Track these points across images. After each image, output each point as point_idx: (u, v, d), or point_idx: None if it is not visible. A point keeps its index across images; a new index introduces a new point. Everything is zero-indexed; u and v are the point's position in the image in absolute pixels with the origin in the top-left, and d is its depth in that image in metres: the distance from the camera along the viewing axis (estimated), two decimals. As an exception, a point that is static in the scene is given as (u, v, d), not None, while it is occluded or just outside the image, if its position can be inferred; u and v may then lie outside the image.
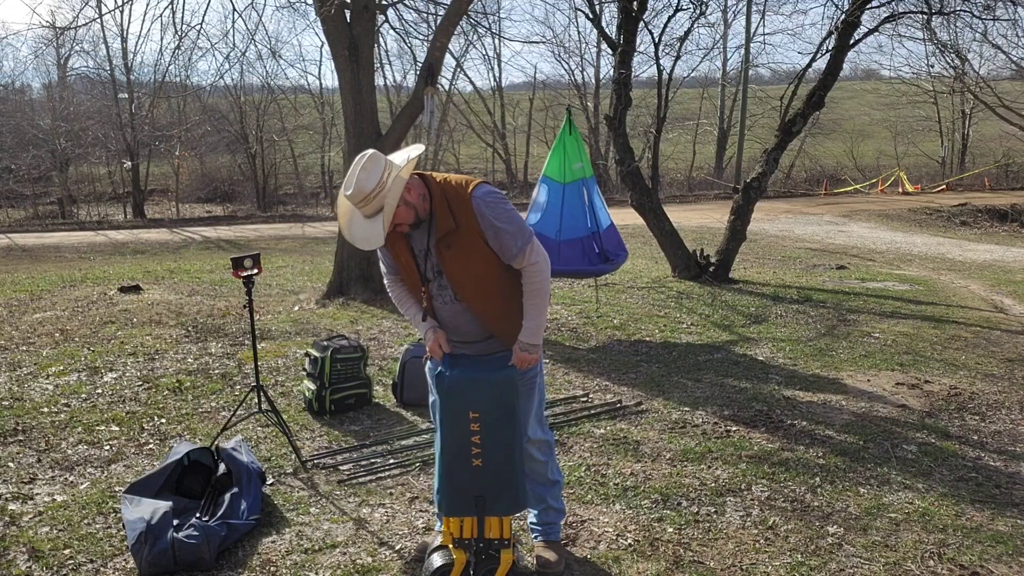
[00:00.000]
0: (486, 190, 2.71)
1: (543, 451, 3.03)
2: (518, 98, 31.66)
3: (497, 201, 2.69)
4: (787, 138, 9.16)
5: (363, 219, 2.61)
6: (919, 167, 29.88)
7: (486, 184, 2.75)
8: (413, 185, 2.64)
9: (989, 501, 3.61)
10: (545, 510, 3.13)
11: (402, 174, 2.58)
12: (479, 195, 2.67)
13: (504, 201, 2.72)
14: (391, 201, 2.55)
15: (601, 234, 6.87)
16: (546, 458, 3.05)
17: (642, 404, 4.94)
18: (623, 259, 7.10)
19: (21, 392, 5.13)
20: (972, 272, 10.98)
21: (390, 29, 26.17)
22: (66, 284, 9.28)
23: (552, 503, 3.13)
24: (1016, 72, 23.29)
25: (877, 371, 5.73)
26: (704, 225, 16.44)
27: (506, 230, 2.66)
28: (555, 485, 3.12)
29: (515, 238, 2.67)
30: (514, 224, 2.68)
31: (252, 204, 25.61)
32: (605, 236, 6.92)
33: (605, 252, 6.80)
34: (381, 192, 2.54)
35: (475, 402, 2.67)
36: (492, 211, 2.66)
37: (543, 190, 6.91)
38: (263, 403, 4.22)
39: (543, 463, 3.05)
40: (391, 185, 2.55)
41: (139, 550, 3.00)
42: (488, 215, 2.66)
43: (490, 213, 2.66)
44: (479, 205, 2.66)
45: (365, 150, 2.70)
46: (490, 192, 2.71)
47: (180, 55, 21.86)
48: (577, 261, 6.71)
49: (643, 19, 9.07)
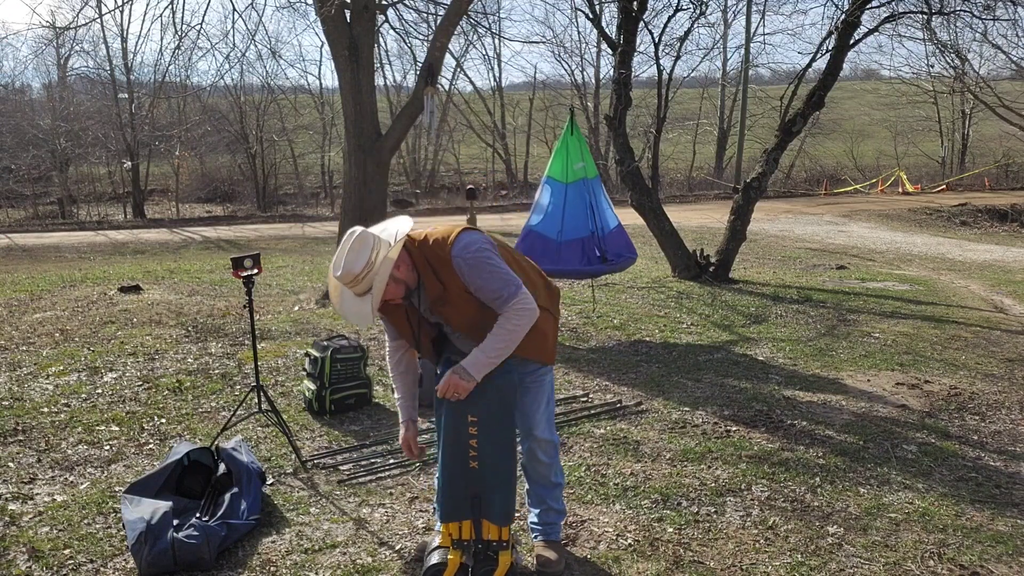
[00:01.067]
0: (463, 246, 2.64)
1: (548, 453, 3.03)
2: (518, 98, 31.66)
3: (475, 260, 2.62)
4: (787, 138, 9.16)
5: (354, 296, 2.63)
6: (919, 167, 29.88)
7: (466, 234, 2.68)
8: (401, 260, 2.63)
9: (989, 501, 3.61)
10: (546, 511, 3.12)
11: (390, 255, 2.58)
12: (457, 253, 2.63)
13: (483, 257, 2.63)
14: (379, 283, 2.57)
15: (605, 235, 6.85)
16: (550, 460, 3.04)
17: (642, 404, 4.94)
18: (628, 260, 7.07)
19: (21, 392, 5.13)
20: (972, 272, 10.98)
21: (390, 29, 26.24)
22: (66, 284, 9.28)
23: (553, 504, 3.13)
24: (1016, 72, 23.30)
25: (877, 371, 5.74)
26: (704, 225, 16.44)
27: (486, 288, 2.64)
28: (556, 487, 3.12)
29: (496, 296, 2.64)
30: (495, 282, 2.63)
31: (252, 204, 25.62)
32: (610, 237, 6.90)
33: (605, 253, 6.79)
34: (369, 273, 2.56)
35: (473, 405, 2.68)
36: (471, 272, 2.63)
37: (546, 191, 6.91)
38: (263, 403, 4.22)
39: (547, 465, 3.04)
40: (379, 266, 2.57)
41: (139, 550, 3.00)
42: (467, 275, 2.63)
43: (469, 273, 2.63)
44: (459, 265, 2.63)
45: (352, 228, 2.67)
46: (467, 247, 2.64)
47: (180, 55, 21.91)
48: (575, 262, 6.71)
49: (643, 19, 9.07)
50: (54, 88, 27.57)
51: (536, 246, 6.69)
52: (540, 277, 2.98)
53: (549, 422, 3.01)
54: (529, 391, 2.94)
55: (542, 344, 2.87)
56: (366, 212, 8.17)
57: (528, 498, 3.18)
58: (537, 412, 2.95)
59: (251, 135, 25.77)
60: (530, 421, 2.95)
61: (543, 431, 2.98)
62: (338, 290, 2.68)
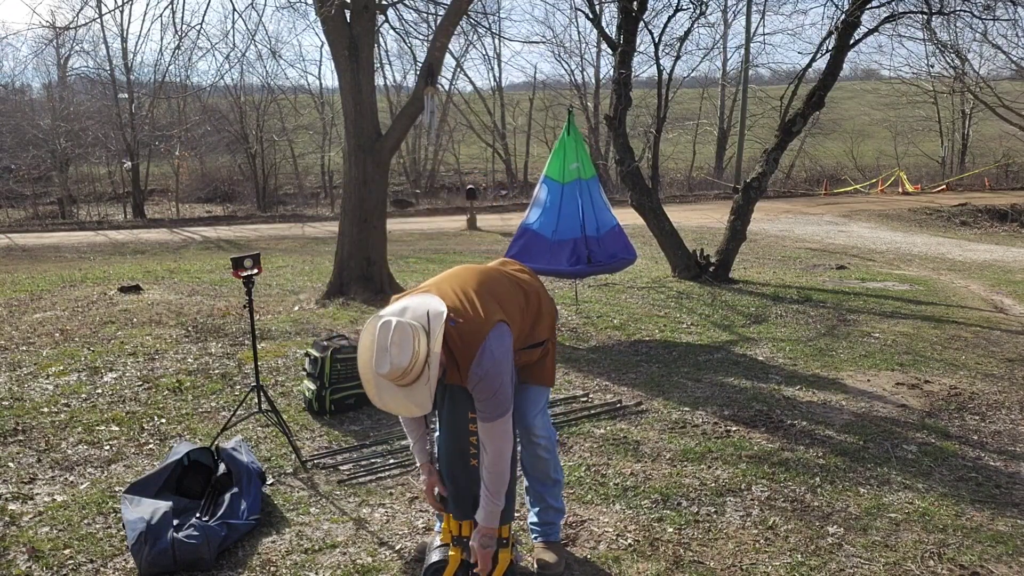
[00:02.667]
0: (491, 352, 2.57)
1: (548, 448, 3.04)
2: (518, 98, 31.67)
3: (490, 376, 2.57)
4: (787, 138, 9.16)
5: (395, 387, 2.54)
6: (919, 167, 29.88)
7: (491, 338, 2.58)
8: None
9: (989, 501, 3.61)
10: (545, 509, 3.13)
11: (434, 348, 2.49)
12: (485, 352, 2.57)
13: (497, 373, 2.57)
14: (435, 374, 2.50)
15: (601, 236, 6.84)
16: (549, 455, 3.05)
17: (642, 404, 4.94)
18: (625, 261, 7.05)
19: (21, 392, 5.13)
20: (972, 272, 10.98)
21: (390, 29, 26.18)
22: (66, 284, 9.28)
23: (552, 502, 3.13)
24: (1016, 72, 23.30)
25: (877, 371, 5.73)
26: (704, 225, 16.44)
27: (479, 393, 2.60)
28: (556, 484, 3.13)
29: (483, 407, 2.61)
30: (491, 398, 2.59)
31: (252, 204, 25.63)
32: (607, 237, 6.89)
33: (591, 255, 6.78)
34: (416, 364, 2.48)
35: (473, 404, 2.68)
36: (482, 381, 2.58)
37: (544, 190, 6.93)
38: (263, 403, 4.22)
39: (546, 460, 3.05)
40: (430, 359, 2.49)
41: (139, 550, 3.00)
42: (477, 380, 2.58)
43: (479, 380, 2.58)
44: (480, 370, 2.57)
45: (381, 318, 2.54)
46: (491, 351, 2.57)
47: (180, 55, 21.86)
48: (563, 262, 6.71)
49: (643, 19, 9.07)
50: (54, 88, 27.59)
51: (531, 245, 6.70)
52: (549, 301, 3.00)
53: (545, 417, 3.04)
54: (529, 391, 2.96)
55: (541, 371, 2.97)
56: (366, 212, 8.17)
57: (528, 496, 3.19)
58: (534, 409, 2.97)
59: (251, 135, 25.78)
60: (528, 418, 2.97)
61: (541, 427, 3.00)
62: (374, 380, 2.55)
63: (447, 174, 31.45)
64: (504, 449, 2.65)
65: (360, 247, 8.19)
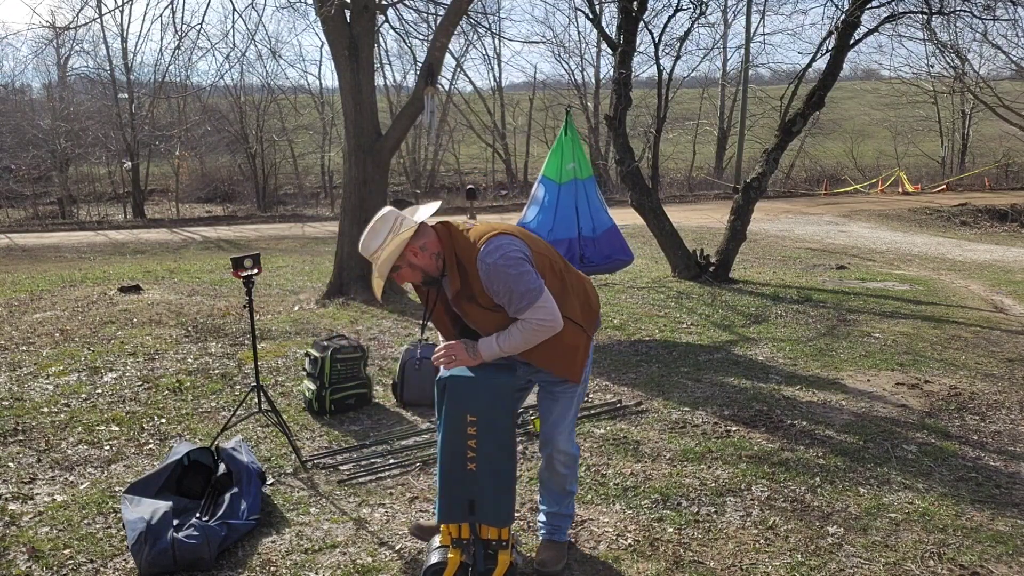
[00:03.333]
0: (489, 250, 2.63)
1: (568, 464, 3.00)
2: (518, 98, 31.67)
3: (496, 267, 2.61)
4: (787, 138, 9.16)
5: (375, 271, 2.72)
6: (919, 167, 29.89)
7: (497, 238, 2.66)
8: (429, 244, 2.69)
9: (989, 501, 3.61)
10: (555, 514, 3.11)
11: (403, 235, 2.63)
12: (482, 257, 2.63)
13: (506, 264, 2.61)
14: (382, 266, 2.66)
15: (596, 236, 6.83)
16: (567, 471, 3.02)
17: (642, 404, 4.94)
18: (620, 262, 7.02)
19: (21, 392, 5.13)
20: (972, 272, 10.98)
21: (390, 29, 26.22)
22: (66, 284, 9.28)
23: (563, 510, 3.12)
24: (1016, 72, 23.28)
25: (877, 371, 5.73)
26: (704, 225, 16.44)
27: (504, 293, 2.64)
28: (569, 495, 3.11)
29: (512, 303, 2.64)
30: (516, 291, 2.62)
31: (252, 204, 25.63)
32: (603, 238, 6.88)
33: (583, 255, 6.77)
34: (380, 253, 2.66)
35: (472, 405, 2.68)
36: (492, 281, 2.63)
37: (541, 190, 6.92)
38: (263, 403, 4.22)
39: (563, 476, 3.02)
40: (390, 247, 2.64)
41: (139, 550, 3.00)
42: (488, 284, 2.64)
43: (487, 280, 2.64)
44: (483, 271, 2.64)
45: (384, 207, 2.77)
46: (491, 253, 2.63)
47: (180, 55, 21.90)
48: None
49: (643, 19, 9.07)
50: (54, 88, 27.58)
51: None
52: (582, 289, 2.92)
53: (571, 433, 2.98)
54: (558, 401, 2.92)
55: (570, 361, 2.84)
56: (366, 212, 8.16)
57: (540, 497, 3.17)
58: (562, 423, 2.92)
59: (251, 135, 25.78)
60: (553, 431, 2.93)
61: (564, 442, 2.95)
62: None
63: (447, 174, 31.44)
64: (543, 327, 2.63)
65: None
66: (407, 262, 2.68)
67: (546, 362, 2.83)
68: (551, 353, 2.79)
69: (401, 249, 2.64)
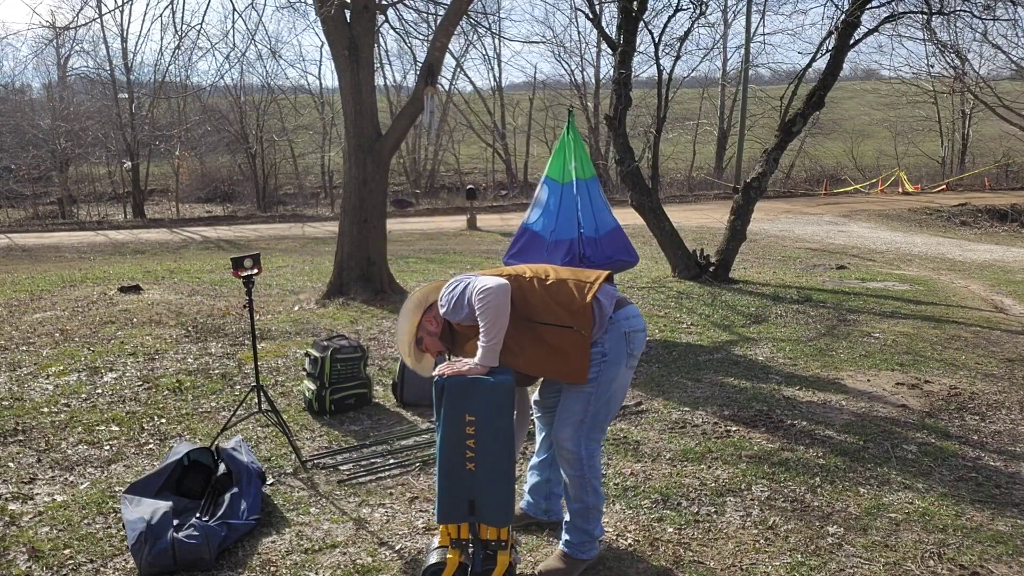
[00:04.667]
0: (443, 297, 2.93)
1: (571, 463, 2.89)
2: (518, 98, 31.68)
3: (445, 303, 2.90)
4: (787, 138, 9.16)
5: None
6: (919, 167, 29.89)
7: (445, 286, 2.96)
8: (433, 319, 3.02)
9: (989, 501, 3.61)
10: (572, 527, 2.98)
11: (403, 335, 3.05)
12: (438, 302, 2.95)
13: (451, 297, 2.87)
14: (401, 346, 3.08)
15: (600, 237, 6.82)
16: (573, 472, 2.90)
17: (642, 404, 4.94)
18: (624, 263, 7.01)
19: (21, 392, 5.13)
20: (972, 272, 10.98)
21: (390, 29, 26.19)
22: (66, 284, 9.28)
23: (578, 522, 2.96)
24: (1016, 72, 23.26)
25: (877, 371, 5.73)
26: (704, 225, 16.44)
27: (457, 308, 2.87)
28: (588, 509, 2.94)
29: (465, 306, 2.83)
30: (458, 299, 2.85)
31: (252, 204, 25.64)
32: (606, 239, 6.86)
33: (583, 255, 6.76)
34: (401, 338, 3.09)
35: (471, 405, 2.68)
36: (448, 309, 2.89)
37: (544, 190, 6.92)
38: (263, 403, 4.22)
39: (571, 477, 2.92)
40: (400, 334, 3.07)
41: (139, 550, 3.00)
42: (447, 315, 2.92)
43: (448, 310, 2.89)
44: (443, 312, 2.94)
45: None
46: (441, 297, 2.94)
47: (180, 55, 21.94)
48: (558, 262, 6.69)
49: (643, 19, 9.06)
50: (54, 88, 27.59)
51: (529, 244, 6.69)
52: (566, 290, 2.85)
53: (578, 434, 2.87)
54: (567, 397, 2.91)
55: (564, 364, 2.82)
56: (366, 212, 8.18)
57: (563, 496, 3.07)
58: (569, 418, 2.88)
59: (251, 135, 25.79)
60: (558, 425, 2.91)
61: (567, 439, 2.87)
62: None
63: (447, 174, 31.45)
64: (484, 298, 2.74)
65: (360, 247, 8.19)
66: (427, 331, 3.02)
67: (543, 370, 2.92)
68: (541, 360, 2.85)
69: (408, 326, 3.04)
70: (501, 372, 2.74)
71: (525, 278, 2.89)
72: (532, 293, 2.84)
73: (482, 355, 2.73)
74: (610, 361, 2.85)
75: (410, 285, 8.97)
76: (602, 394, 2.87)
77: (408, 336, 3.03)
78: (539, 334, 2.80)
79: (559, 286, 2.87)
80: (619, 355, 2.86)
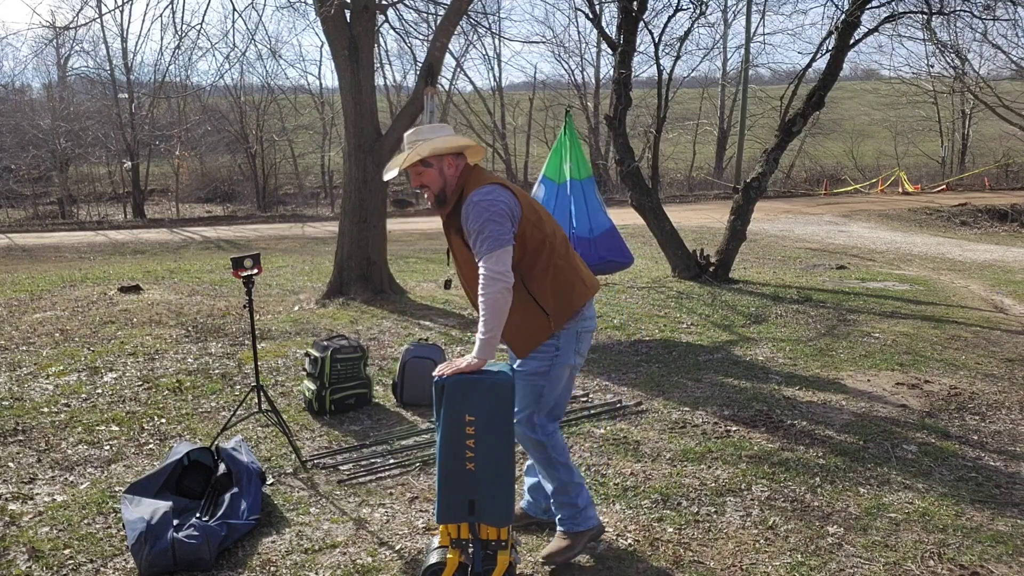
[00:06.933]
0: (481, 192, 2.81)
1: (533, 447, 3.04)
2: (518, 98, 31.66)
3: (478, 207, 2.76)
4: (787, 138, 9.16)
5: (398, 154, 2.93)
6: (919, 167, 29.89)
7: (494, 187, 2.83)
8: (454, 164, 2.90)
9: (989, 501, 3.61)
10: (558, 505, 3.09)
11: (435, 144, 2.85)
12: (472, 195, 2.81)
13: (486, 207, 2.76)
14: (401, 156, 2.88)
15: (593, 239, 6.80)
16: (537, 454, 3.04)
17: (642, 404, 4.94)
18: (619, 264, 6.98)
19: (21, 392, 5.13)
20: (972, 272, 10.98)
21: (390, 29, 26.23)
22: (66, 284, 9.28)
23: (561, 499, 3.07)
24: (1016, 72, 23.25)
25: (877, 371, 5.73)
26: (704, 225, 16.44)
27: (470, 231, 2.78)
28: (568, 485, 3.06)
29: (475, 242, 2.77)
30: (483, 230, 2.74)
31: (252, 204, 25.62)
32: (598, 240, 6.84)
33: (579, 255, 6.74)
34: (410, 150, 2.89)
35: (471, 406, 2.68)
36: (468, 217, 2.78)
37: (542, 189, 6.93)
38: (263, 403, 4.22)
39: (537, 460, 3.06)
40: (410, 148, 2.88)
41: (139, 550, 3.00)
42: (466, 218, 2.79)
43: (466, 217, 2.79)
44: (465, 208, 2.80)
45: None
46: (481, 194, 2.80)
47: (180, 55, 21.91)
48: None
49: (643, 19, 9.07)
50: (54, 88, 27.56)
51: None
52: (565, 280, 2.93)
53: (532, 424, 3.00)
54: (519, 381, 2.98)
55: (518, 334, 2.92)
56: (366, 212, 8.18)
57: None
58: (521, 402, 2.97)
59: (251, 135, 25.77)
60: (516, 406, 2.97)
61: (523, 423, 2.99)
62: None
63: (447, 174, 31.37)
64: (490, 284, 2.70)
65: (360, 247, 8.19)
66: (424, 162, 2.86)
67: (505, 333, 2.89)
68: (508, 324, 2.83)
69: (439, 153, 2.85)
70: (501, 372, 2.74)
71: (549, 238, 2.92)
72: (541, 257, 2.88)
73: (479, 348, 2.73)
74: (561, 356, 2.98)
75: (410, 285, 8.97)
76: (553, 388, 3.01)
77: (428, 149, 2.85)
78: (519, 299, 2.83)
79: (566, 274, 2.96)
80: (568, 352, 2.99)
